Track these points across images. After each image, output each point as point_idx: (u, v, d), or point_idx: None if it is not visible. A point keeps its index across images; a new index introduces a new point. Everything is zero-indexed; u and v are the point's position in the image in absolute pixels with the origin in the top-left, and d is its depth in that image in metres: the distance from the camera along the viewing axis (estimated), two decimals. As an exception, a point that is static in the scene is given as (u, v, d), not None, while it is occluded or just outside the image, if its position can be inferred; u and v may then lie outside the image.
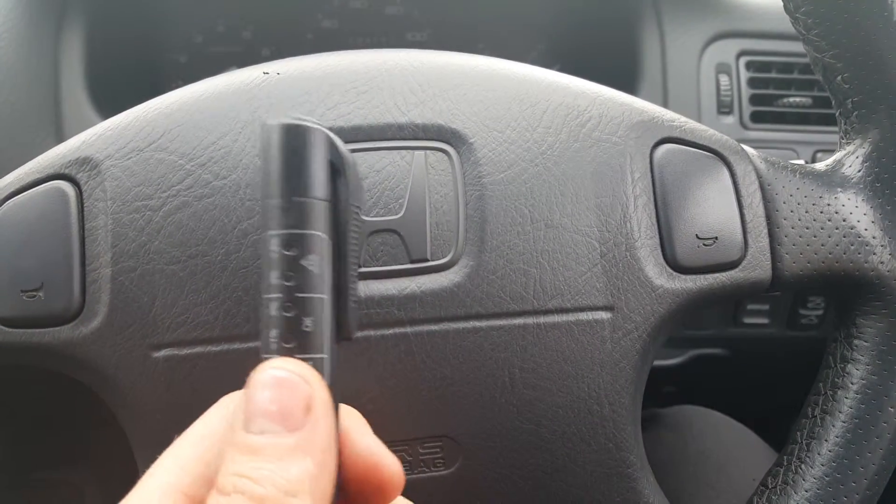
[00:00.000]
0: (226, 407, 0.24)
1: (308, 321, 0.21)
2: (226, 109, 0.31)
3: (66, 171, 0.30)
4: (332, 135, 0.23)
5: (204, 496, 0.20)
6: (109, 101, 0.64)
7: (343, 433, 0.23)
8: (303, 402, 0.20)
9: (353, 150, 0.31)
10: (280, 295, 0.21)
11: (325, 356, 0.22)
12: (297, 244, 0.22)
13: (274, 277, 0.21)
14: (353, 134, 0.31)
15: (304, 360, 0.21)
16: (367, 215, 0.30)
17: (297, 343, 0.21)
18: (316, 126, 0.22)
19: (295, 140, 0.22)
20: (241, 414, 0.20)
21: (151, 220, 0.30)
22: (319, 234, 0.22)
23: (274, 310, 0.21)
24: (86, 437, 0.66)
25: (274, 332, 0.21)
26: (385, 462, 0.23)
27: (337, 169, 0.23)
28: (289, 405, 0.20)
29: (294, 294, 0.21)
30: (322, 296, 0.22)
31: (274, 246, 0.21)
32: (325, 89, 0.31)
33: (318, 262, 0.22)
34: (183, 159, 0.30)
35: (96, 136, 0.31)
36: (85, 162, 0.30)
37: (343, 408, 0.23)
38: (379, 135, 0.31)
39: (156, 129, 0.31)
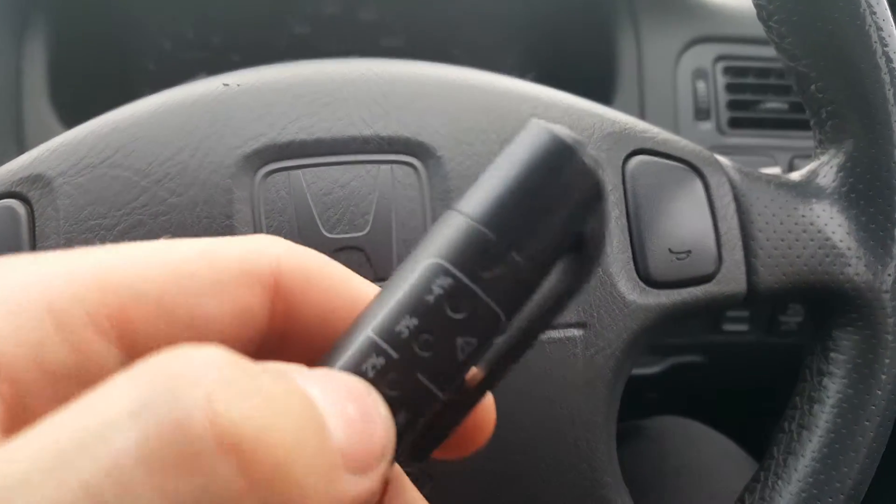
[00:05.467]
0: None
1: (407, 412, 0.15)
2: (183, 123, 0.30)
3: (18, 190, 0.29)
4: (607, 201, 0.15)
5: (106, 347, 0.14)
6: (74, 111, 0.62)
7: None
8: (380, 447, 0.14)
9: (317, 165, 0.30)
10: (383, 361, 0.14)
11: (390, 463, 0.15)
12: (466, 309, 0.14)
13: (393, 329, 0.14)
14: (315, 147, 0.30)
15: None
16: (330, 232, 0.29)
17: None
18: (602, 175, 0.15)
19: (561, 173, 0.14)
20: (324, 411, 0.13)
21: (105, 240, 0.29)
22: (499, 312, 0.15)
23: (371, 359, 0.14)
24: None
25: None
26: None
27: (575, 245, 0.15)
28: (368, 447, 0.13)
29: (412, 373, 0.14)
30: (438, 393, 0.15)
31: (435, 291, 0.14)
32: (288, 101, 0.30)
33: (468, 348, 0.15)
34: (137, 176, 0.29)
35: (49, 151, 0.30)
36: (37, 179, 0.29)
37: None
38: (343, 148, 0.30)
39: (110, 144, 0.30)
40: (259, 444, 0.11)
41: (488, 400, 0.18)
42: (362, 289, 0.17)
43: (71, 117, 0.62)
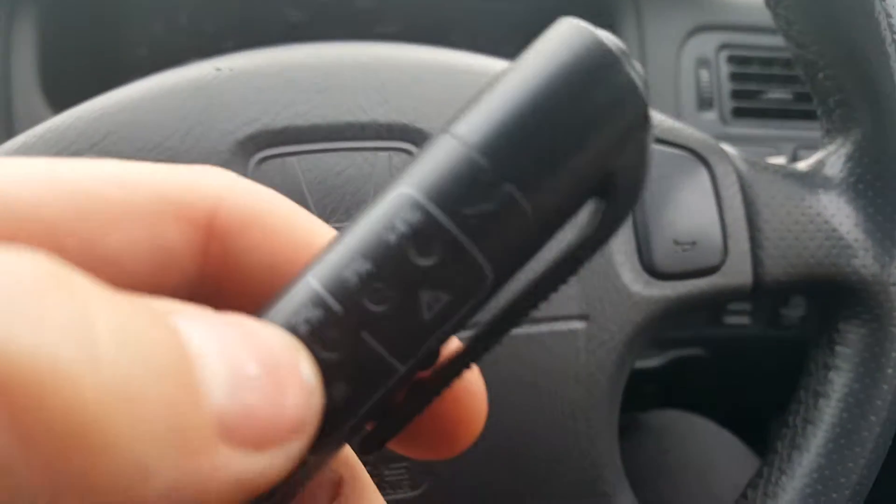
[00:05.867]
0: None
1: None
2: (174, 108, 0.29)
3: None
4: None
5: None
6: (65, 97, 0.61)
7: None
8: (290, 418, 0.10)
9: (312, 151, 0.29)
10: (321, 314, 0.11)
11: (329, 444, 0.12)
12: (436, 254, 0.11)
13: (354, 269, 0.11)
14: (310, 134, 0.29)
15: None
16: (326, 221, 0.28)
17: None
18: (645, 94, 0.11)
19: (600, 85, 0.11)
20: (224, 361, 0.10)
21: None
22: (484, 265, 0.11)
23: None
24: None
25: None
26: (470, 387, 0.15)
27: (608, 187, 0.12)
28: (270, 415, 0.10)
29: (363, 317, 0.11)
30: (394, 362, 0.11)
31: (398, 228, 0.11)
32: (281, 86, 0.30)
33: (436, 306, 0.11)
34: None
35: (36, 137, 0.29)
36: None
37: None
38: (339, 135, 0.29)
39: (98, 130, 0.29)
40: (51, 384, 0.07)
41: (477, 386, 0.15)
42: (318, 231, 0.14)
43: (61, 103, 0.61)
